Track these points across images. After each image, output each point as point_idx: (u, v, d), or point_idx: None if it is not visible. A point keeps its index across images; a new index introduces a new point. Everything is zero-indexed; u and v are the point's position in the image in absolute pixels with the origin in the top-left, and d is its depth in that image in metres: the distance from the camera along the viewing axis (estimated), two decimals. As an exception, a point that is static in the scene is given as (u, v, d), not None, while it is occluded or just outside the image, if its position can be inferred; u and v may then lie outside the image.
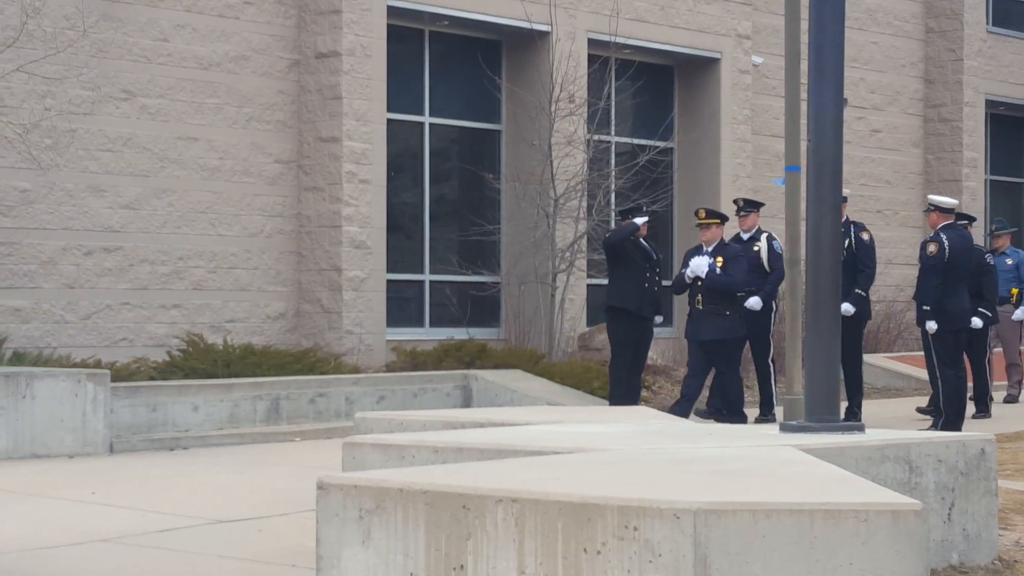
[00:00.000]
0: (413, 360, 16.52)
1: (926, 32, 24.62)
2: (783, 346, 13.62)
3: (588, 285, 18.73)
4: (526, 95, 18.49)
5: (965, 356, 14.57)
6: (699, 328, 13.82)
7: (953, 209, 14.41)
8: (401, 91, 17.76)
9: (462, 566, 4.90)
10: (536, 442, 6.66)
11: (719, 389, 14.14)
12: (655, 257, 14.48)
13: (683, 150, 20.91)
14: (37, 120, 14.64)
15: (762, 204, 15.69)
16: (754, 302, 14.27)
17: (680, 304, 16.24)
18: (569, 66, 18.17)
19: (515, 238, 18.53)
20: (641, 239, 14.25)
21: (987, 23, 25.19)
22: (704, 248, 13.98)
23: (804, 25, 8.99)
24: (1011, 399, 17.22)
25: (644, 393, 15.24)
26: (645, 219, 14.34)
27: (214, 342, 15.32)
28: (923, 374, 16.29)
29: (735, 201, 15.62)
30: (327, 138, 16.77)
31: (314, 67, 16.88)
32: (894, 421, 15.20)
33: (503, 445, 6.58)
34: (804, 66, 8.76)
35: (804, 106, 8.36)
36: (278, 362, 15.14)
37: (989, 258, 16.37)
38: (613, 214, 18.46)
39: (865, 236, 14.52)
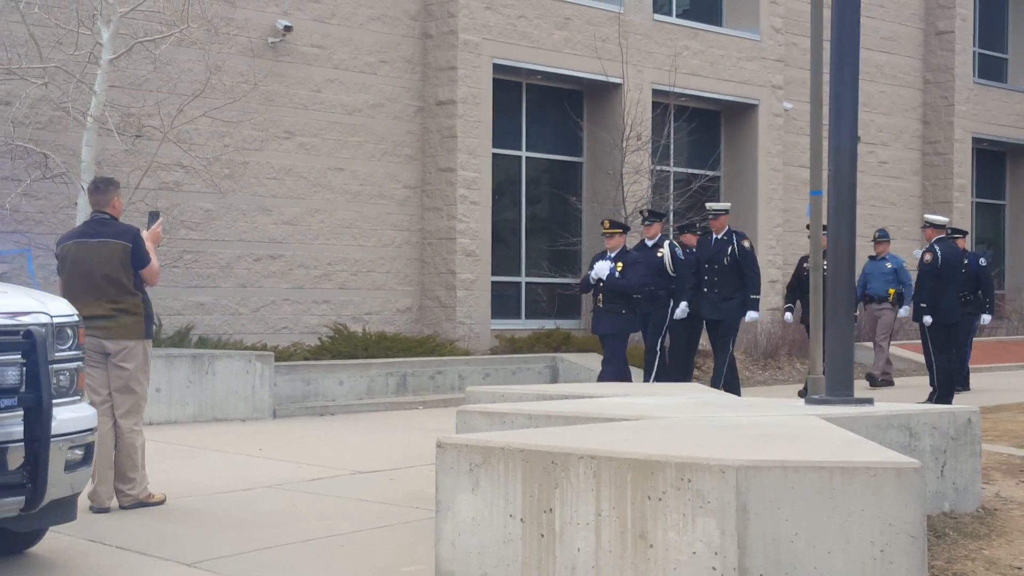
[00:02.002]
0: (512, 345, 16.55)
1: (924, 83, 24.25)
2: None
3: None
4: (602, 134, 18.45)
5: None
6: (599, 323, 12.56)
7: (944, 225, 14.19)
8: (503, 131, 17.78)
9: (551, 509, 4.91)
10: (610, 411, 6.65)
11: (606, 377, 12.50)
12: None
13: (728, 178, 20.77)
14: (218, 155, 14.80)
15: (664, 215, 14.25)
16: (682, 310, 13.13)
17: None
18: (637, 110, 18.09)
19: (593, 248, 18.41)
20: (691, 249, 14.10)
21: (974, 75, 24.82)
22: (608, 254, 12.63)
23: (826, 77, 8.89)
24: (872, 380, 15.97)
25: (695, 372, 15.14)
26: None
27: (355, 330, 15.43)
28: (918, 358, 16.06)
29: (640, 211, 14.41)
30: (445, 168, 16.83)
31: (435, 112, 16.95)
32: (891, 394, 15.01)
33: (583, 413, 6.58)
34: (825, 110, 8.66)
35: (825, 143, 8.26)
36: (405, 346, 15.23)
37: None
38: (672, 230, 18.37)
39: (746, 244, 13.41)
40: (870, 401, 7.03)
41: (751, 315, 13.29)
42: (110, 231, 7.63)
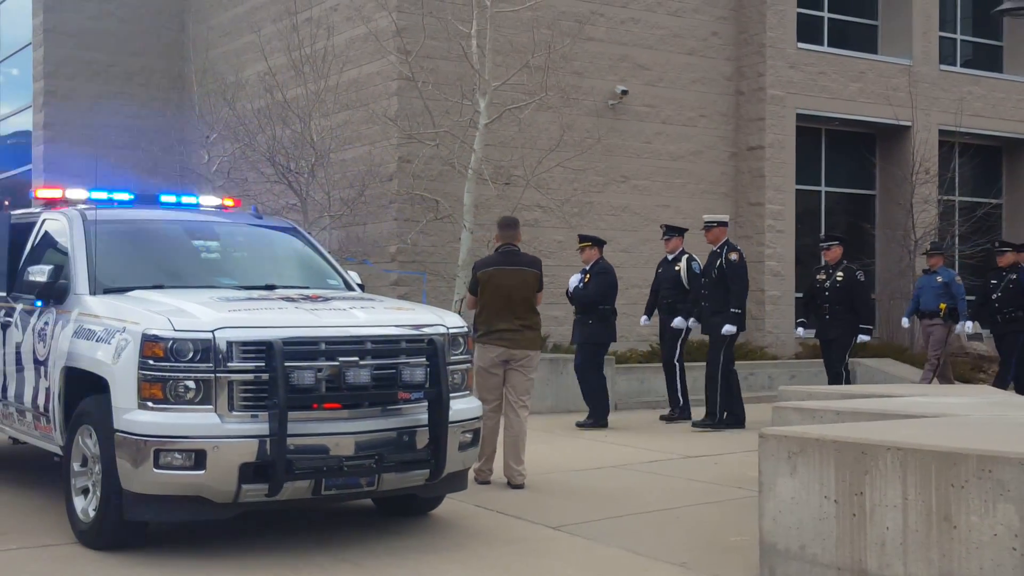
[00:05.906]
0: (814, 351, 15.96)
1: None
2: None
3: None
4: (893, 169, 17.63)
5: None
6: (573, 333, 11.58)
7: None
8: (804, 169, 17.29)
9: (861, 492, 4.72)
10: (909, 409, 6.33)
11: (584, 386, 11.31)
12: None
13: (1009, 205, 19.40)
14: (568, 197, 15.13)
15: (685, 230, 12.44)
16: (678, 322, 11.51)
17: None
18: (925, 149, 17.21)
19: (885, 268, 17.70)
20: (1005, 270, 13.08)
21: None
22: (584, 267, 11.51)
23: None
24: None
25: (980, 375, 14.16)
26: None
27: (680, 339, 15.34)
28: None
29: (661, 227, 12.68)
30: (754, 203, 16.53)
31: (745, 156, 16.68)
32: None
33: (885, 410, 6.29)
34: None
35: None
36: (722, 352, 15.00)
37: (860, 276, 12.28)
38: (957, 252, 17.36)
39: (733, 256, 11.10)
40: None
41: (726, 328, 10.86)
42: (524, 260, 7.93)
